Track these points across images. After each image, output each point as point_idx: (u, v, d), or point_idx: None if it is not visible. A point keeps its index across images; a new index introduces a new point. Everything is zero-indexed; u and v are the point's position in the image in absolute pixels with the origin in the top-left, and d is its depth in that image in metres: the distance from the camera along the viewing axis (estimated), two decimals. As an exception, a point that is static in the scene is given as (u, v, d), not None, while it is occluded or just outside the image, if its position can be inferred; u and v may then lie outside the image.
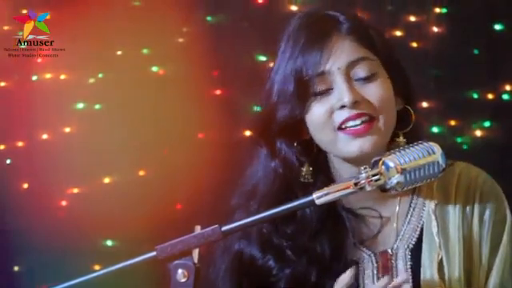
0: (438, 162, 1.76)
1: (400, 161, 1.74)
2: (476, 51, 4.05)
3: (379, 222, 2.07)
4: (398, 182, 1.74)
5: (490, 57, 4.04)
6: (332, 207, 2.05)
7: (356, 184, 1.72)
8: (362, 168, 1.74)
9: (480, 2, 4.05)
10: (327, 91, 2.00)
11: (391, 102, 2.03)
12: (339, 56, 2.00)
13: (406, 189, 1.77)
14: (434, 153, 1.77)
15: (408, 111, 2.07)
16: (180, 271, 1.63)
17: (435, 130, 3.99)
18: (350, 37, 2.02)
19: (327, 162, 2.09)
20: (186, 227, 1.69)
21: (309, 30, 2.04)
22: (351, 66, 2.00)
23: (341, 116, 1.98)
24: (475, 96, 4.05)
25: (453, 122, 4.02)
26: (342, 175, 2.06)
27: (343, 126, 1.98)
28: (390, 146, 2.02)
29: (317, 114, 2.01)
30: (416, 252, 2.04)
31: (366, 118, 1.98)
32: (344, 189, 1.72)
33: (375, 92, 2.00)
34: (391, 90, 2.03)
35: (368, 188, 1.73)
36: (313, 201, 1.70)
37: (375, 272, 2.04)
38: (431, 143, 1.78)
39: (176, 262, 1.64)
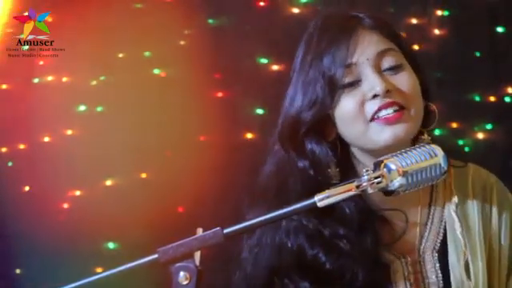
0: (439, 165, 1.76)
1: (402, 163, 1.74)
2: (478, 54, 4.05)
3: (404, 224, 2.08)
4: (399, 185, 1.74)
5: (491, 59, 4.04)
6: (367, 206, 2.06)
7: (358, 186, 1.72)
8: (364, 170, 1.74)
9: (482, 5, 4.05)
10: (355, 83, 2.01)
11: (419, 92, 2.05)
12: (367, 47, 2.02)
13: (407, 192, 1.77)
14: (435, 155, 1.77)
15: (430, 108, 2.08)
16: (182, 274, 1.63)
17: (437, 132, 3.98)
18: (374, 30, 2.04)
19: (351, 162, 2.09)
20: (188, 230, 1.69)
21: (333, 29, 2.06)
22: (379, 56, 2.02)
23: (373, 106, 1.99)
24: (477, 98, 4.05)
25: (455, 125, 4.02)
26: None
27: (375, 116, 1.99)
28: (416, 143, 2.03)
29: (347, 106, 2.01)
30: (441, 253, 2.06)
31: (397, 107, 1.99)
32: (346, 191, 1.72)
33: (405, 81, 2.02)
34: (418, 82, 2.05)
35: (370, 190, 1.72)
36: (315, 203, 1.70)
37: (406, 274, 2.05)
38: (433, 145, 1.79)
39: (178, 264, 1.64)
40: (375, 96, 1.99)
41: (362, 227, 2.04)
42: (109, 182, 3.94)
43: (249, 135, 3.97)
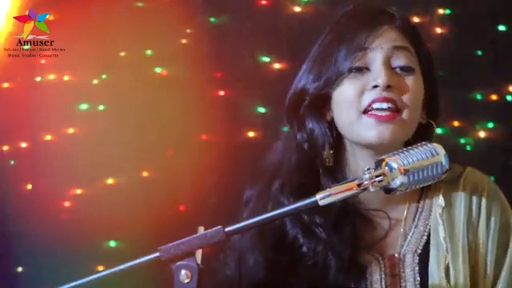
0: (441, 163, 1.76)
1: (403, 162, 1.74)
2: (479, 52, 4.05)
3: (387, 225, 2.07)
4: (401, 183, 1.74)
5: (493, 58, 4.04)
6: (349, 204, 2.05)
7: (359, 185, 1.71)
8: (366, 169, 1.73)
9: (483, 3, 4.04)
10: (363, 70, 2.03)
11: (419, 101, 2.05)
12: (385, 39, 2.04)
13: (409, 190, 1.77)
14: (437, 154, 1.76)
15: (431, 126, 2.10)
16: (183, 272, 1.63)
17: (438, 130, 3.97)
18: (399, 29, 2.07)
19: (344, 147, 2.10)
20: (190, 228, 1.69)
21: (361, 17, 2.08)
22: (394, 50, 2.03)
23: (370, 96, 2.00)
24: (479, 97, 4.05)
25: (456, 123, 4.02)
26: (357, 163, 2.07)
27: (369, 108, 1.99)
28: None
29: (346, 91, 2.03)
30: (423, 256, 2.04)
31: (393, 105, 1.99)
32: (347, 190, 1.72)
33: (409, 85, 2.03)
34: (422, 91, 2.06)
35: (371, 189, 1.72)
36: (316, 202, 1.70)
37: (383, 276, 2.04)
38: (434, 144, 1.78)
39: (179, 262, 1.64)
40: (375, 87, 1.99)
41: (339, 219, 2.04)
42: (110, 181, 3.94)
43: (250, 134, 3.97)
